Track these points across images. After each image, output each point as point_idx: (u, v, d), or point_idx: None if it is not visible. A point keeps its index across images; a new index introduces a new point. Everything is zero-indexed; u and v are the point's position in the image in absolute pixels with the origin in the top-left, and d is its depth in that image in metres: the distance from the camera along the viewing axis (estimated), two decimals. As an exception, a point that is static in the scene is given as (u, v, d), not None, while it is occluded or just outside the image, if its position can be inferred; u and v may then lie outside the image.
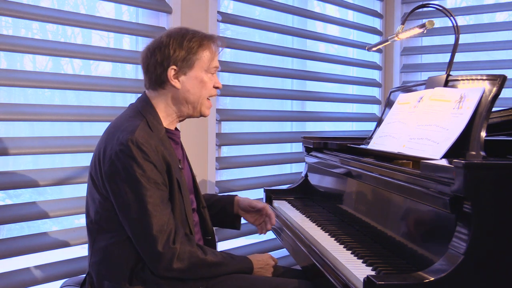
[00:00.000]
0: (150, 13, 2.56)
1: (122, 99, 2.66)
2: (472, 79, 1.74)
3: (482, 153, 1.51)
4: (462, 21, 3.73)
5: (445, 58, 3.64)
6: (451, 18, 2.00)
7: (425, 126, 1.78)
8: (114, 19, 2.46)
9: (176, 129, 1.79)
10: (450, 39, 3.52)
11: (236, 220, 2.06)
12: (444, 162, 1.41)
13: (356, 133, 3.81)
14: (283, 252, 3.08)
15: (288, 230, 2.05)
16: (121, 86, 2.43)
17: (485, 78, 1.66)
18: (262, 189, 2.64)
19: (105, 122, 2.42)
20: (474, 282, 1.25)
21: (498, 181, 1.28)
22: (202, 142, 2.68)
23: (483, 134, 1.54)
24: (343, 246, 1.68)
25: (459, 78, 1.81)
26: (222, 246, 2.81)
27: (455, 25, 1.99)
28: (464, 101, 1.66)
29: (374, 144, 2.08)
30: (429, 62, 3.82)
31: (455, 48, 1.99)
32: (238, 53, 3.09)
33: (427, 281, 1.22)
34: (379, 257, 1.55)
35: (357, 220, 1.90)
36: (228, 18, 2.85)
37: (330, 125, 3.75)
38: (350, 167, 1.96)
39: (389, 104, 2.29)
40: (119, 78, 2.52)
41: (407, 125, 1.90)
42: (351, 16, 3.85)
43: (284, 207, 2.35)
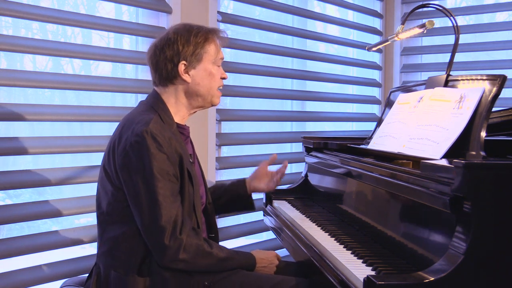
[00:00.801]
0: (150, 13, 2.56)
1: (122, 99, 2.66)
2: (472, 79, 1.73)
3: (482, 153, 1.51)
4: (462, 21, 3.73)
5: (445, 58, 3.64)
6: (451, 18, 2.00)
7: (425, 126, 1.78)
8: (114, 19, 2.46)
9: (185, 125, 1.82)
10: (450, 39, 3.52)
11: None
12: (444, 162, 1.41)
13: (356, 133, 3.81)
14: (283, 252, 3.08)
15: (288, 230, 2.05)
16: (121, 86, 2.43)
17: (485, 78, 1.66)
18: (262, 189, 2.63)
19: (105, 122, 2.43)
20: (474, 282, 1.25)
21: (498, 181, 1.28)
22: (202, 142, 2.68)
23: (483, 134, 1.54)
24: (343, 246, 1.68)
25: (459, 78, 1.81)
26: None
27: (455, 25, 1.99)
28: (464, 101, 1.66)
29: (374, 144, 2.08)
30: (429, 62, 3.82)
31: (455, 48, 1.99)
32: (238, 53, 3.09)
33: (427, 281, 1.22)
34: (379, 257, 1.55)
35: (357, 220, 1.90)
36: (228, 18, 2.85)
37: (330, 125, 3.75)
38: (350, 167, 1.96)
39: (389, 104, 2.29)
40: (119, 78, 2.52)
41: (407, 125, 1.90)
42: (351, 16, 3.85)
43: (284, 207, 2.35)
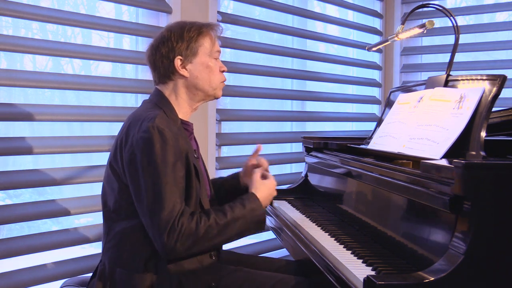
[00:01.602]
0: (150, 13, 2.56)
1: (122, 99, 2.66)
2: (472, 79, 1.73)
3: (482, 153, 1.51)
4: (462, 21, 3.73)
5: (445, 58, 3.65)
6: (451, 18, 2.00)
7: (425, 126, 1.77)
8: (114, 19, 2.46)
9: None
10: (450, 39, 3.52)
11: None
12: (444, 162, 1.41)
13: (356, 133, 3.81)
14: (283, 252, 3.08)
15: (288, 230, 2.05)
16: (121, 86, 2.43)
17: (485, 78, 1.66)
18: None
19: (105, 122, 2.43)
20: (474, 282, 1.25)
21: (498, 181, 1.28)
22: (202, 142, 2.68)
23: (483, 134, 1.54)
24: (343, 246, 1.68)
25: (459, 78, 1.81)
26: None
27: (455, 25, 1.99)
28: (464, 101, 1.66)
29: (374, 144, 2.08)
30: (429, 62, 3.82)
31: (455, 48, 1.99)
32: (238, 53, 3.09)
33: (427, 281, 1.22)
34: (379, 257, 1.55)
35: (357, 220, 1.90)
36: (228, 18, 2.85)
37: (330, 125, 3.75)
38: (350, 167, 1.96)
39: (389, 104, 2.29)
40: (119, 78, 2.52)
41: (407, 125, 1.90)
42: (351, 16, 3.85)
43: (284, 207, 2.35)
